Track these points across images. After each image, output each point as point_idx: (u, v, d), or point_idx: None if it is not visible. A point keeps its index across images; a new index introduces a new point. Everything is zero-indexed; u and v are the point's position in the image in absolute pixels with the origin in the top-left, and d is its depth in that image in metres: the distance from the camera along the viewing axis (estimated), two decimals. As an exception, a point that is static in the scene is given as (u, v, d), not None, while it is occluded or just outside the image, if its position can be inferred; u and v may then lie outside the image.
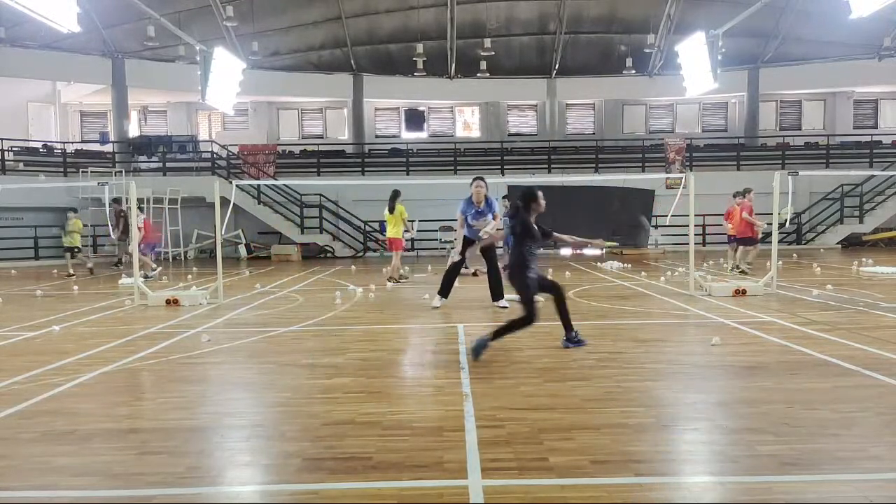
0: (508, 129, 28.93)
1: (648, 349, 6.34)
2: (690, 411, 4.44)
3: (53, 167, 23.20)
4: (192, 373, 5.71)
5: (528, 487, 3.21)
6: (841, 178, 23.46)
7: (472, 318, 8.43)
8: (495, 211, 9.32)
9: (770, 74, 26.50)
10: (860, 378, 5.09)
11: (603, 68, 27.22)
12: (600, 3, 25.30)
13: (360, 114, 27.52)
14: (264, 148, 25.05)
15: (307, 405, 4.63)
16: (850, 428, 3.98)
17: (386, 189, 13.80)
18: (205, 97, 15.25)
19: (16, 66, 22.63)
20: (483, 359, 5.86)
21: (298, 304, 10.13)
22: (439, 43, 25.89)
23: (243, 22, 23.03)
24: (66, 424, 4.26)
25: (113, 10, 22.09)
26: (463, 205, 9.32)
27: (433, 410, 4.47)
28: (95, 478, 3.42)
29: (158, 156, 24.41)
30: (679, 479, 3.36)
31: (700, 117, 28.81)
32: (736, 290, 10.02)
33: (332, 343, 6.93)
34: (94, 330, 7.93)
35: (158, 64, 24.38)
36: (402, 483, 3.27)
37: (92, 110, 27.83)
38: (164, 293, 10.43)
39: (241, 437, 4.04)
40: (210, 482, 3.38)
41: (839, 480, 3.26)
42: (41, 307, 10.21)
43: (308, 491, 3.24)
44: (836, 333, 6.86)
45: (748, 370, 5.41)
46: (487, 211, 9.21)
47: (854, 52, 25.46)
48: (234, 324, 8.28)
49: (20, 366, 5.94)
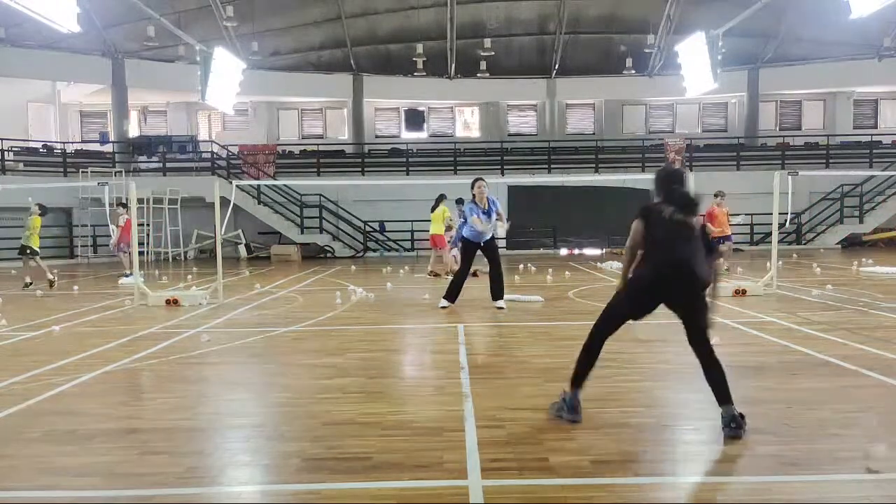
0: (508, 129, 28.91)
1: (648, 349, 6.34)
2: (690, 411, 4.45)
3: (53, 167, 23.19)
4: (193, 373, 5.71)
5: (528, 487, 3.21)
6: (841, 178, 23.46)
7: (472, 319, 8.44)
8: (498, 209, 9.28)
9: (770, 74, 26.49)
10: (860, 378, 5.10)
11: (603, 68, 27.21)
12: (600, 3, 25.30)
13: (360, 114, 27.52)
14: (264, 148, 25.04)
15: (307, 405, 4.63)
16: (850, 428, 3.98)
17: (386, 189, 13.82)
18: (205, 97, 15.24)
19: (16, 66, 22.61)
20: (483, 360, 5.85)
21: (298, 305, 10.13)
22: (439, 43, 25.88)
23: (243, 22, 23.02)
24: (66, 424, 4.26)
25: (113, 10, 22.08)
26: (471, 207, 9.21)
27: (433, 410, 4.47)
28: (96, 478, 3.42)
29: (158, 156, 24.40)
30: (679, 479, 3.37)
31: (700, 117, 28.79)
32: (736, 290, 10.02)
33: (332, 343, 6.93)
34: (94, 330, 7.93)
35: (158, 64, 24.36)
36: (402, 483, 3.28)
37: (92, 110, 27.81)
38: (164, 293, 10.43)
39: (242, 437, 4.04)
40: (210, 482, 3.38)
41: (839, 480, 3.26)
42: (41, 307, 10.21)
43: (308, 491, 3.24)
44: (836, 333, 6.86)
45: (748, 370, 5.41)
46: (492, 210, 9.17)
47: (854, 52, 25.46)
48: (234, 324, 8.28)
49: (20, 366, 5.94)
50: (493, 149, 26.36)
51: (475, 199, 9.12)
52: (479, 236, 9.20)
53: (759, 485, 3.21)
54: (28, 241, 13.04)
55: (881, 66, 25.48)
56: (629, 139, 27.59)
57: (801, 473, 3.33)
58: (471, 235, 9.26)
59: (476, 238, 9.24)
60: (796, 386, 4.91)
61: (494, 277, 9.26)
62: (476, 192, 9.12)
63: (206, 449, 3.86)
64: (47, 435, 4.07)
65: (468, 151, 26.60)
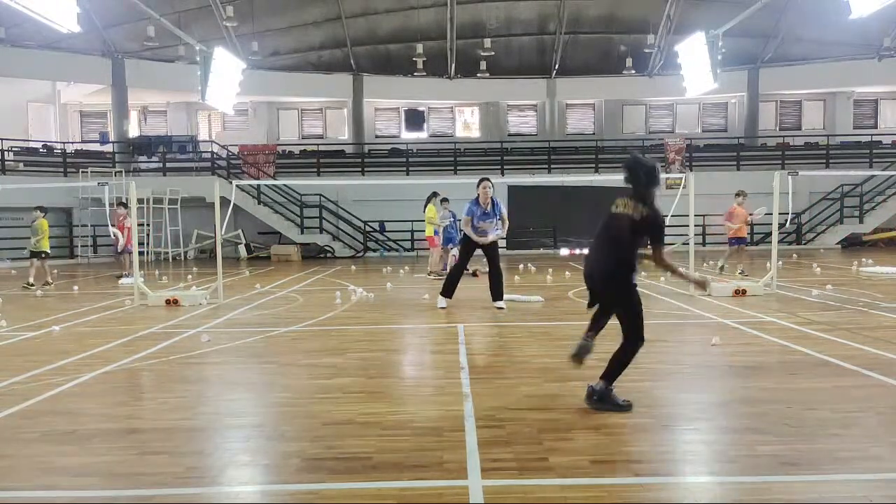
0: (508, 129, 28.91)
1: (648, 349, 6.29)
2: (690, 411, 4.45)
3: (53, 167, 23.18)
4: (192, 373, 5.71)
5: (528, 487, 3.21)
6: (841, 178, 23.44)
7: (473, 319, 8.43)
8: (501, 213, 9.21)
9: (770, 74, 26.48)
10: (860, 378, 5.10)
11: (603, 68, 27.21)
12: (600, 4, 25.29)
13: (359, 114, 27.51)
14: (264, 148, 25.04)
15: (307, 405, 4.63)
16: (850, 428, 3.98)
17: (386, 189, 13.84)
18: (205, 97, 15.23)
19: (16, 66, 22.61)
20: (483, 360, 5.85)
21: (298, 305, 10.13)
22: (439, 43, 25.87)
23: (243, 22, 23.01)
24: (66, 425, 4.26)
25: (113, 10, 22.08)
26: (470, 206, 9.18)
27: (433, 410, 4.47)
28: (96, 478, 3.42)
29: (158, 156, 24.39)
30: (679, 479, 3.37)
31: (700, 117, 28.79)
32: (736, 291, 10.02)
33: (332, 343, 6.93)
34: (94, 330, 7.93)
35: (158, 64, 24.36)
36: (402, 483, 3.28)
37: (92, 110, 27.81)
38: (164, 293, 10.43)
39: (241, 437, 4.04)
40: (210, 482, 3.38)
41: (839, 480, 3.26)
42: (41, 307, 10.21)
43: (308, 491, 3.24)
44: (836, 333, 6.86)
45: (748, 370, 5.41)
46: (493, 213, 9.12)
47: (854, 52, 25.45)
48: (234, 324, 8.28)
49: (20, 366, 5.94)
50: (493, 149, 26.36)
51: (478, 199, 9.08)
52: (479, 235, 9.16)
53: (759, 485, 3.21)
54: (40, 244, 13.25)
55: (881, 66, 25.47)
56: (629, 139, 27.59)
57: (801, 473, 3.33)
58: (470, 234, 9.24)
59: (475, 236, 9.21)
60: (796, 386, 4.91)
61: (493, 277, 9.25)
62: (480, 192, 9.07)
63: (206, 449, 3.86)
64: (47, 435, 4.07)
65: (468, 151, 26.60)
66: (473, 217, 9.09)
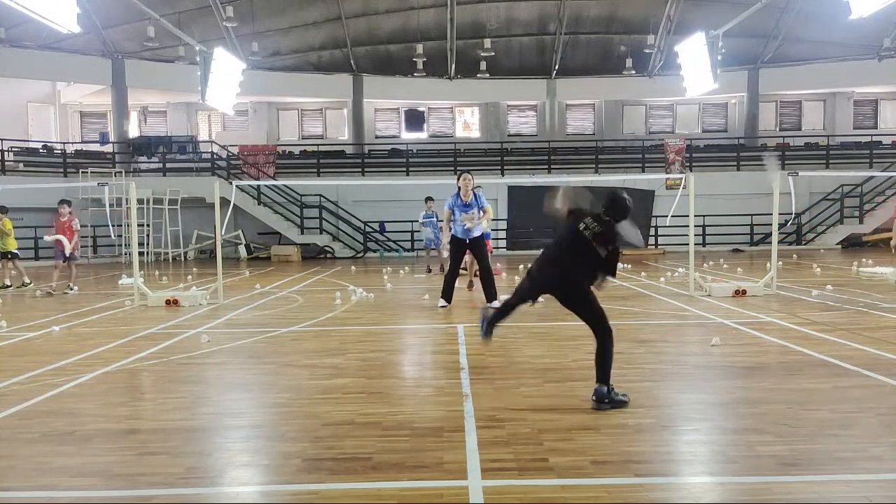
0: (508, 129, 28.91)
1: (649, 350, 6.34)
2: (690, 411, 4.45)
3: (53, 167, 23.18)
4: (192, 373, 5.71)
5: (528, 488, 3.21)
6: (841, 179, 23.45)
7: (472, 319, 8.42)
8: (483, 205, 9.28)
9: (770, 75, 26.49)
10: (860, 378, 5.09)
11: (603, 69, 27.22)
12: (600, 4, 25.29)
13: (359, 114, 27.51)
14: (264, 148, 25.05)
15: (307, 406, 4.63)
16: (850, 428, 3.98)
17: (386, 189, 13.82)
18: (205, 97, 15.24)
19: (16, 66, 22.62)
20: (483, 360, 5.84)
21: (298, 305, 10.13)
22: (439, 43, 25.88)
23: (243, 22, 23.02)
24: (66, 425, 4.26)
25: (113, 11, 22.08)
26: (451, 199, 9.24)
27: (433, 411, 4.47)
28: (95, 478, 3.42)
29: (158, 156, 24.40)
30: (679, 480, 3.36)
31: (700, 118, 28.80)
32: (736, 291, 10.02)
33: (332, 344, 6.93)
34: (94, 330, 7.92)
35: (158, 64, 24.36)
36: (402, 483, 3.28)
37: (92, 111, 27.82)
38: (164, 294, 10.43)
39: (241, 437, 4.04)
40: (210, 482, 3.38)
41: (839, 480, 3.26)
42: (41, 307, 10.21)
43: (308, 491, 3.24)
44: (836, 334, 6.86)
45: (748, 371, 5.41)
46: (475, 205, 9.18)
47: (854, 52, 25.44)
48: (234, 324, 8.28)
49: (20, 366, 5.94)
50: (493, 149, 26.36)
51: (459, 193, 9.12)
52: (466, 233, 9.20)
53: (759, 485, 3.21)
54: (6, 245, 12.47)
55: (881, 66, 25.46)
56: (629, 139, 27.60)
57: (801, 473, 3.33)
58: (456, 232, 9.28)
59: (462, 235, 9.24)
60: (796, 386, 4.91)
61: (483, 278, 9.26)
62: (461, 185, 9.12)
63: (206, 449, 3.86)
64: (47, 435, 4.07)
65: (468, 152, 26.60)
66: (454, 210, 9.18)
